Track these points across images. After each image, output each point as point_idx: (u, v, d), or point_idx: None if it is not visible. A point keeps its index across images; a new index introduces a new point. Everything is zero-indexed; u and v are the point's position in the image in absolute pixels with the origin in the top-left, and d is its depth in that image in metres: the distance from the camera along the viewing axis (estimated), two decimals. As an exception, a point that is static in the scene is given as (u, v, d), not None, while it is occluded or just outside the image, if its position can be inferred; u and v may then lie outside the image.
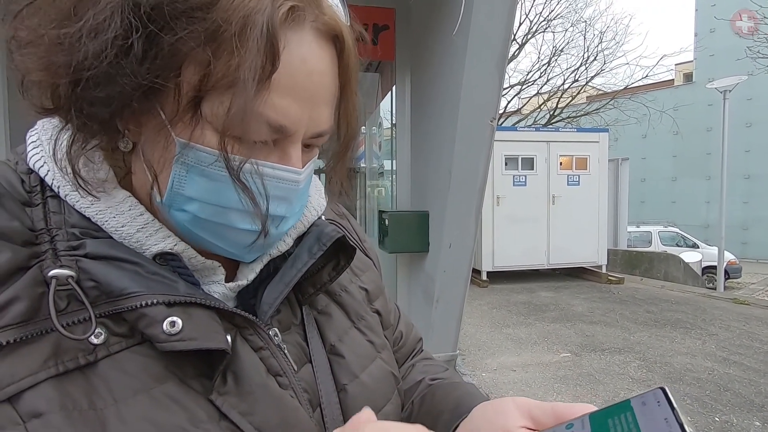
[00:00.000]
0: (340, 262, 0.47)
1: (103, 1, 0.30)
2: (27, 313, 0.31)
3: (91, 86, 0.31)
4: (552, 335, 5.06)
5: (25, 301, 0.31)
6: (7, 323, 0.30)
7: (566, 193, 8.00)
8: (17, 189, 0.35)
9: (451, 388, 0.52)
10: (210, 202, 0.35)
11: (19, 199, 0.35)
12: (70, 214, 0.35)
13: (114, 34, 0.30)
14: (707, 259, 10.30)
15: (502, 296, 6.93)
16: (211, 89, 0.32)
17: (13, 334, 0.30)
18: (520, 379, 3.91)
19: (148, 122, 0.35)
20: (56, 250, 0.34)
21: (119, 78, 0.31)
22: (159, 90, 0.32)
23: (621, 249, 10.31)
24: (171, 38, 0.31)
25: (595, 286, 7.67)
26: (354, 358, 0.46)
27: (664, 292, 7.37)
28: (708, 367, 4.09)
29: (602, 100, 14.04)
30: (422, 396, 0.54)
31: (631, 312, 6.01)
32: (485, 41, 2.20)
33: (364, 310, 0.52)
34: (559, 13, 13.66)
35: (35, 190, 0.36)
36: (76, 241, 0.34)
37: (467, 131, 2.38)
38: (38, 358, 0.31)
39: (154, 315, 0.34)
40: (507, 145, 7.72)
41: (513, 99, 14.12)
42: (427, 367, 0.60)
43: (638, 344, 4.74)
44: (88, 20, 0.30)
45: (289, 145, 0.37)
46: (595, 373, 3.98)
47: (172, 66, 0.32)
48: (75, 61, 0.31)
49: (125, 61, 0.31)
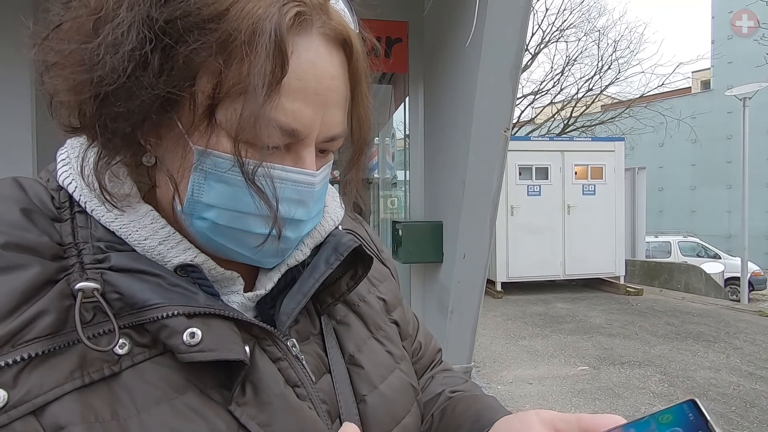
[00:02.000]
0: (358, 272, 0.47)
1: (119, 17, 0.32)
2: (55, 325, 0.32)
3: (112, 101, 0.33)
4: (569, 347, 4.96)
5: (53, 314, 0.32)
6: (36, 336, 0.31)
7: (582, 203, 7.90)
8: (47, 205, 0.37)
9: (472, 401, 0.51)
10: (227, 207, 0.36)
11: (49, 215, 0.37)
12: (96, 228, 0.37)
13: (131, 47, 0.32)
14: (730, 269, 10.01)
15: (518, 307, 6.83)
16: (224, 97, 0.33)
17: (41, 346, 0.31)
18: (537, 392, 3.83)
19: (167, 134, 0.36)
20: (83, 264, 0.35)
21: (138, 91, 0.32)
22: (175, 101, 0.34)
23: (639, 259, 10.09)
24: (185, 50, 0.32)
25: (613, 298, 7.51)
26: (373, 369, 0.46)
27: (684, 303, 7.17)
28: (733, 382, 3.96)
29: (617, 108, 13.90)
30: (442, 409, 0.53)
31: (651, 324, 5.86)
32: (498, 52, 2.21)
33: (382, 320, 0.52)
34: (572, 23, 13.65)
35: (64, 206, 0.37)
36: (102, 255, 0.36)
37: (481, 141, 2.37)
38: (65, 369, 0.32)
39: (175, 326, 0.34)
40: (521, 154, 7.67)
41: (526, 109, 14.09)
42: (446, 379, 0.59)
43: (659, 357, 4.61)
44: (107, 36, 0.32)
45: (302, 149, 0.37)
46: (615, 387, 3.88)
47: (187, 76, 0.33)
48: (96, 77, 0.32)
49: (143, 75, 0.32)
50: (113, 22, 0.32)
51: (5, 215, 0.35)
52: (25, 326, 0.31)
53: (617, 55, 13.66)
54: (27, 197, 0.37)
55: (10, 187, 0.37)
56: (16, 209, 0.35)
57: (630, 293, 7.71)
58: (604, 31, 14.31)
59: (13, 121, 2.38)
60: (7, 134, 2.39)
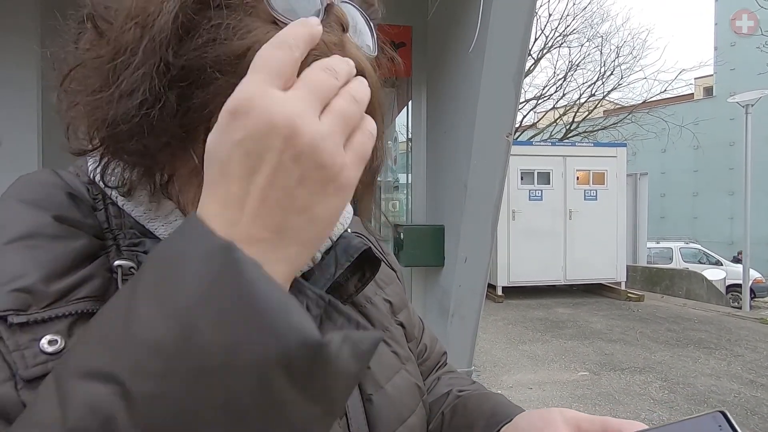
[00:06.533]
0: (366, 274, 0.48)
1: (135, 63, 0.33)
2: (100, 289, 0.35)
3: (127, 138, 0.34)
4: (569, 353, 4.95)
5: (100, 279, 0.36)
6: (86, 295, 0.34)
7: (583, 208, 7.90)
8: (85, 195, 0.40)
9: (483, 399, 0.53)
10: None
11: (88, 203, 0.40)
12: (127, 219, 0.39)
13: (145, 96, 0.33)
14: (731, 276, 9.97)
15: (518, 312, 6.82)
16: None
17: (90, 305, 0.34)
18: (537, 397, 3.82)
19: (182, 163, 0.38)
20: (119, 246, 0.38)
21: (153, 130, 0.34)
22: (191, 135, 0.35)
23: (640, 265, 10.07)
24: (201, 93, 0.33)
25: (614, 303, 7.50)
26: (379, 369, 0.47)
27: (686, 310, 7.15)
28: (734, 389, 3.94)
29: (620, 114, 13.90)
30: (453, 406, 0.54)
31: (652, 330, 5.85)
32: (501, 57, 2.22)
33: (388, 321, 0.53)
34: (575, 28, 13.69)
35: (98, 198, 0.40)
36: (137, 239, 0.38)
37: (483, 146, 2.38)
38: None
39: None
40: (522, 159, 7.68)
41: (529, 113, 14.10)
42: (452, 379, 0.60)
43: (659, 364, 4.60)
44: (122, 82, 0.33)
45: None
46: (615, 393, 3.87)
47: (203, 117, 0.34)
48: (110, 117, 0.34)
49: (159, 117, 0.33)
50: (129, 70, 0.33)
51: (54, 197, 0.38)
52: (78, 285, 0.34)
53: (620, 60, 13.70)
54: (68, 185, 0.39)
55: (52, 176, 0.40)
56: (62, 193, 0.38)
57: (631, 299, 7.69)
58: (607, 37, 14.29)
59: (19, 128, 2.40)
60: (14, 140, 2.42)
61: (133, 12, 0.34)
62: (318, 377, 0.23)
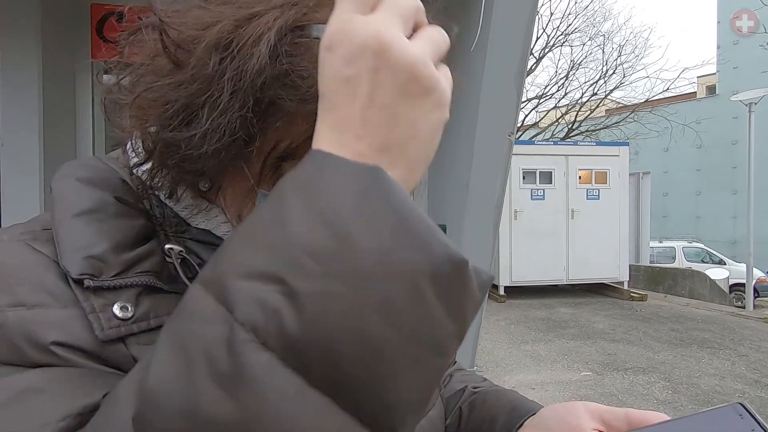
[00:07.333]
0: None
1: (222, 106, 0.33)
2: (159, 266, 0.37)
3: (189, 161, 0.35)
4: (572, 353, 4.94)
5: (159, 255, 0.37)
6: (149, 269, 0.36)
7: (585, 208, 7.88)
8: (131, 183, 0.41)
9: (501, 394, 0.55)
10: None
11: (134, 191, 0.41)
12: (169, 210, 0.41)
13: (223, 132, 0.33)
14: (735, 276, 9.93)
15: (520, 312, 6.81)
16: (296, 149, 0.36)
17: (152, 279, 0.36)
18: (540, 397, 3.81)
19: (233, 176, 0.38)
20: (166, 232, 0.40)
21: (218, 157, 0.34)
22: (251, 160, 0.36)
23: (643, 265, 10.04)
24: (272, 120, 0.35)
25: (617, 303, 7.48)
26: None
27: (689, 309, 7.13)
28: (738, 389, 3.92)
29: (622, 113, 13.87)
30: (470, 402, 0.55)
31: (655, 330, 5.83)
32: (503, 56, 2.21)
33: None
34: (577, 27, 13.65)
35: (140, 188, 0.41)
36: (183, 227, 0.41)
37: (485, 145, 2.38)
38: (170, 305, 0.35)
39: None
40: (524, 158, 7.67)
41: (530, 112, 14.07)
42: (465, 376, 0.62)
43: (663, 364, 4.58)
44: (206, 122, 0.33)
45: None
46: (618, 393, 3.85)
47: (266, 141, 0.36)
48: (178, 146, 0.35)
49: (227, 145, 0.34)
50: (215, 111, 0.33)
51: (110, 180, 0.40)
52: (142, 259, 0.36)
53: (622, 59, 13.66)
54: (117, 171, 0.41)
55: (101, 162, 0.42)
56: (116, 177, 0.40)
57: (634, 299, 7.67)
58: (609, 36, 14.29)
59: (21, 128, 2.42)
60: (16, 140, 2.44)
61: (222, 45, 0.33)
62: (457, 295, 0.25)
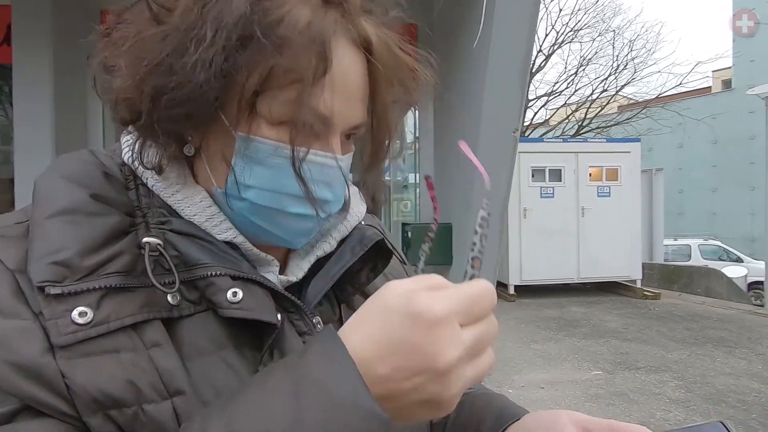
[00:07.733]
0: (378, 266, 0.51)
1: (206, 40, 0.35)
2: (128, 265, 0.38)
3: (172, 105, 0.37)
4: (583, 352, 4.88)
5: (128, 255, 0.38)
6: (116, 270, 0.37)
7: (596, 205, 7.78)
8: (118, 175, 0.43)
9: (489, 398, 0.55)
10: (266, 188, 0.41)
11: (120, 182, 0.43)
12: (157, 199, 0.42)
13: (206, 66, 0.35)
14: (753, 273, 9.70)
15: (531, 311, 6.75)
16: (268, 89, 0.38)
17: (118, 280, 0.37)
18: (549, 396, 3.78)
19: (210, 125, 0.40)
20: (148, 224, 0.41)
21: (200, 96, 0.36)
22: (226, 104, 0.38)
23: (657, 263, 9.88)
24: (245, 56, 0.36)
25: (630, 302, 7.37)
26: None
27: (705, 308, 6.99)
28: (755, 389, 3.84)
29: (634, 109, 13.66)
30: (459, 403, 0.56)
31: (669, 329, 5.73)
32: (506, 52, 2.20)
33: None
34: (587, 23, 13.49)
35: (130, 179, 0.43)
36: (164, 218, 0.41)
37: (490, 143, 2.37)
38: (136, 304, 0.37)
39: (221, 284, 0.39)
40: (533, 156, 7.60)
41: (540, 110, 13.95)
42: None
43: (676, 363, 4.51)
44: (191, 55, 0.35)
45: (330, 136, 0.42)
46: (629, 393, 3.80)
47: (243, 78, 0.37)
48: (168, 87, 0.36)
49: (208, 82, 0.36)
50: (202, 45, 0.35)
51: (92, 175, 0.41)
52: (109, 260, 0.37)
53: (633, 54, 13.46)
54: (104, 165, 0.43)
55: (90, 156, 0.44)
56: (99, 171, 0.42)
57: (647, 297, 7.55)
58: (620, 31, 14.05)
59: (33, 122, 2.48)
60: (28, 135, 2.51)
61: None
62: None
